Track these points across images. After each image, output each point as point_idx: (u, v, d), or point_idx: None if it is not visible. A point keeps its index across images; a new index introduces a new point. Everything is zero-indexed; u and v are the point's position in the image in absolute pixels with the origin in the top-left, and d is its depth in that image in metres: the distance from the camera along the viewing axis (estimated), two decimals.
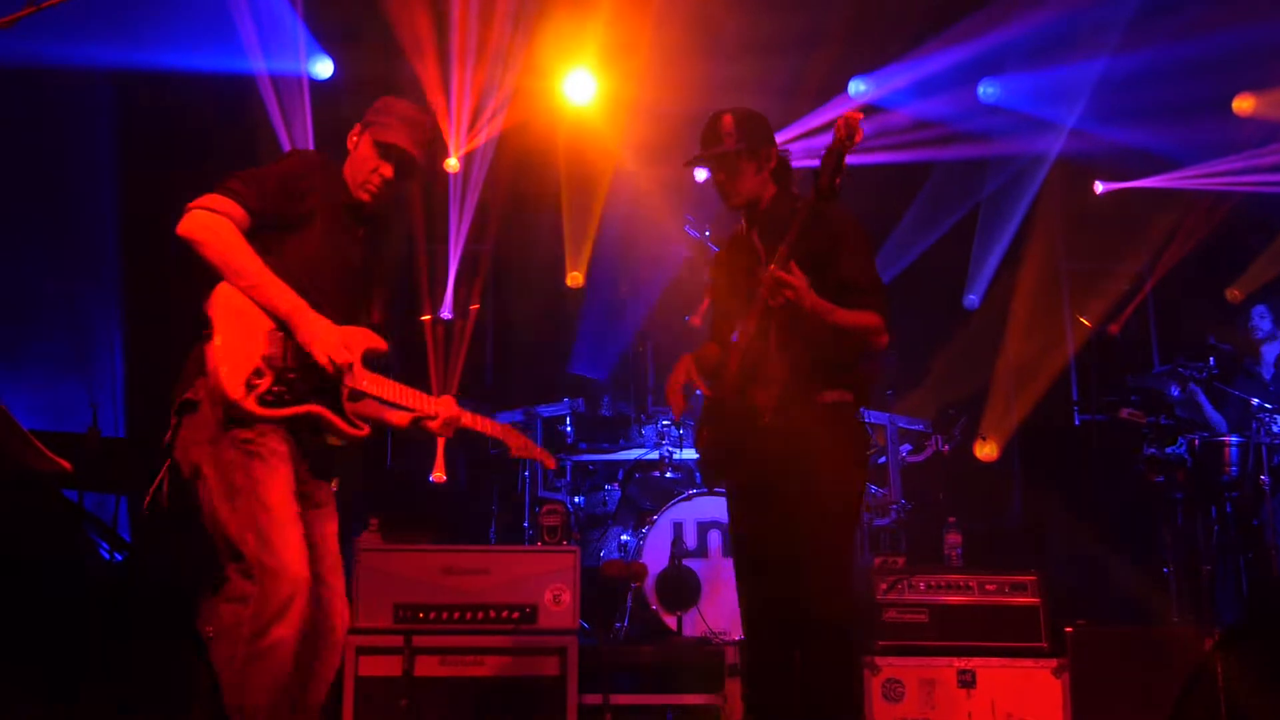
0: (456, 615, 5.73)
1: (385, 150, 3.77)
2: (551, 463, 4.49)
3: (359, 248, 3.81)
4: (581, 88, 8.82)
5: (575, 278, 9.46)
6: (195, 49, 8.06)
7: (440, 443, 8.81)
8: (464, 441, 8.96)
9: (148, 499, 3.44)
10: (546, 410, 7.98)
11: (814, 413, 3.82)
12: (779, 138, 4.13)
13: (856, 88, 9.16)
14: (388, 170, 3.78)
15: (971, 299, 9.59)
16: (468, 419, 3.96)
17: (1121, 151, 8.96)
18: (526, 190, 9.49)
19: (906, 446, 7.97)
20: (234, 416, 3.37)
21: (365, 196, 3.79)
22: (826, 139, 3.60)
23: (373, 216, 3.87)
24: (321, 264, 3.64)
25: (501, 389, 9.32)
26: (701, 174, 8.89)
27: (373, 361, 3.72)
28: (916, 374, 8.88)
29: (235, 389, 3.35)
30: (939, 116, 9.18)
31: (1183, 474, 7.20)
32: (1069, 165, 9.19)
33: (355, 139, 3.84)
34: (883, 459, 7.75)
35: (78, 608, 5.27)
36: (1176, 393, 7.63)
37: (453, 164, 9.28)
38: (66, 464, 3.42)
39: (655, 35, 8.39)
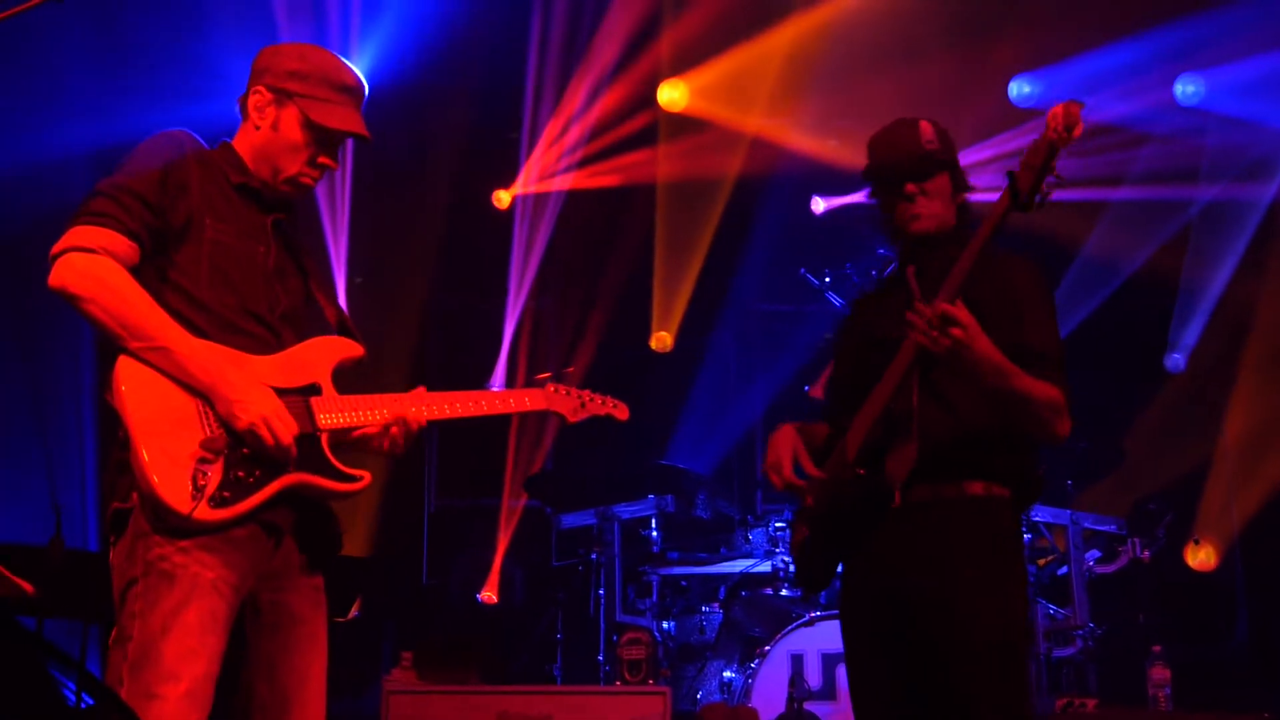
0: None
1: (327, 136, 3.62)
2: (623, 411, 4.14)
3: (273, 239, 3.63)
4: (680, 99, 9.09)
5: (662, 339, 9.53)
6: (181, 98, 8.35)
7: (499, 556, 8.86)
8: (521, 552, 9.01)
9: (112, 635, 3.40)
10: (626, 510, 7.99)
11: (957, 504, 3.75)
12: None
13: (1019, 90, 9.18)
14: (333, 161, 3.67)
15: (1175, 359, 9.45)
16: (442, 405, 3.68)
17: None
18: (608, 232, 9.64)
19: (1094, 553, 7.84)
20: (188, 529, 3.22)
21: (297, 194, 3.69)
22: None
23: (285, 199, 3.72)
24: (238, 279, 3.49)
25: (567, 482, 9.36)
26: (820, 205, 8.98)
27: (348, 374, 3.61)
28: (1105, 458, 8.75)
29: (180, 499, 3.19)
30: (1124, 123, 9.13)
31: None
32: None
33: (271, 110, 3.63)
34: (1063, 570, 7.63)
35: None
36: None
37: (504, 198, 9.44)
38: (27, 585, 3.43)
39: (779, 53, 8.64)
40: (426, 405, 3.67)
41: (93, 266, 3.29)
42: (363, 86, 3.72)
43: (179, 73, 8.39)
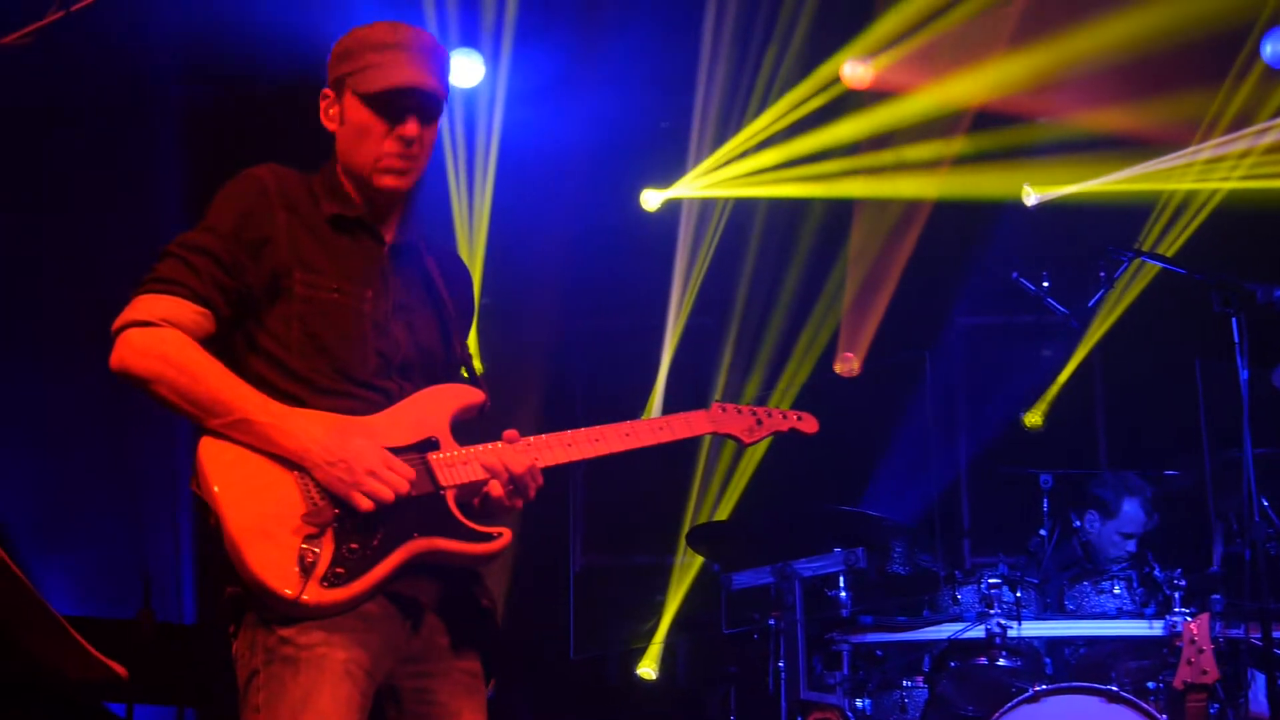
0: None
1: (387, 101, 3.54)
2: (810, 424, 4.16)
3: (390, 274, 3.64)
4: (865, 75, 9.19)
5: (848, 361, 9.48)
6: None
7: (662, 623, 8.83)
8: (686, 617, 8.96)
9: None
10: (808, 566, 7.87)
11: None
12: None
13: (1274, 48, 9.00)
14: (410, 128, 3.56)
15: None
16: (586, 444, 3.68)
17: None
18: (788, 241, 9.65)
19: None
20: (299, 616, 3.23)
21: (391, 181, 3.58)
22: None
23: (395, 220, 3.67)
24: (334, 341, 3.49)
25: (735, 534, 9.31)
26: (1032, 195, 8.92)
27: (469, 424, 3.59)
28: None
29: (289, 582, 3.19)
30: None
31: None
32: None
33: (335, 108, 3.63)
34: None
35: None
36: None
37: (653, 199, 9.44)
38: (121, 669, 3.46)
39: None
40: (567, 446, 3.65)
41: (154, 344, 3.33)
42: (416, 36, 3.61)
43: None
